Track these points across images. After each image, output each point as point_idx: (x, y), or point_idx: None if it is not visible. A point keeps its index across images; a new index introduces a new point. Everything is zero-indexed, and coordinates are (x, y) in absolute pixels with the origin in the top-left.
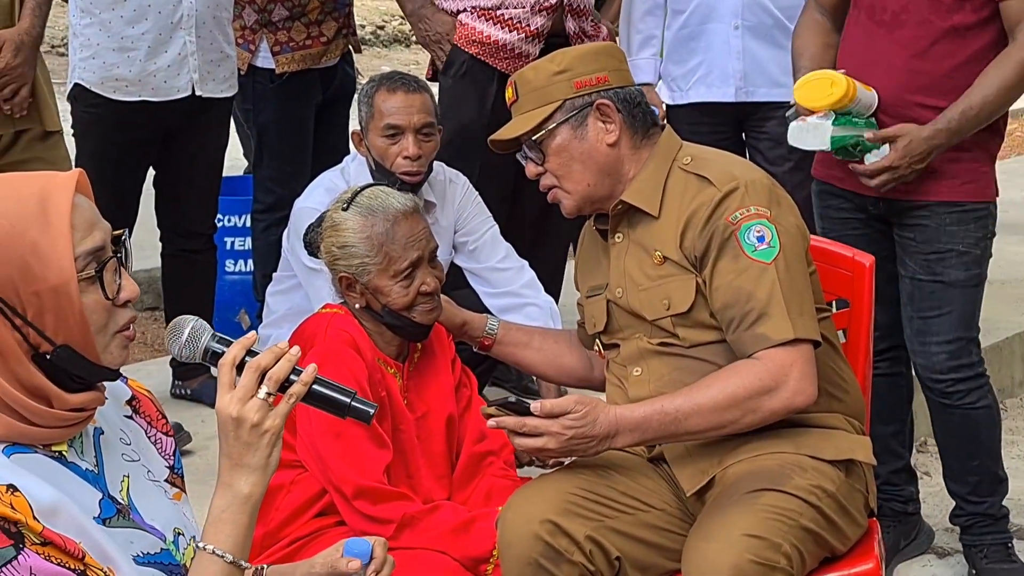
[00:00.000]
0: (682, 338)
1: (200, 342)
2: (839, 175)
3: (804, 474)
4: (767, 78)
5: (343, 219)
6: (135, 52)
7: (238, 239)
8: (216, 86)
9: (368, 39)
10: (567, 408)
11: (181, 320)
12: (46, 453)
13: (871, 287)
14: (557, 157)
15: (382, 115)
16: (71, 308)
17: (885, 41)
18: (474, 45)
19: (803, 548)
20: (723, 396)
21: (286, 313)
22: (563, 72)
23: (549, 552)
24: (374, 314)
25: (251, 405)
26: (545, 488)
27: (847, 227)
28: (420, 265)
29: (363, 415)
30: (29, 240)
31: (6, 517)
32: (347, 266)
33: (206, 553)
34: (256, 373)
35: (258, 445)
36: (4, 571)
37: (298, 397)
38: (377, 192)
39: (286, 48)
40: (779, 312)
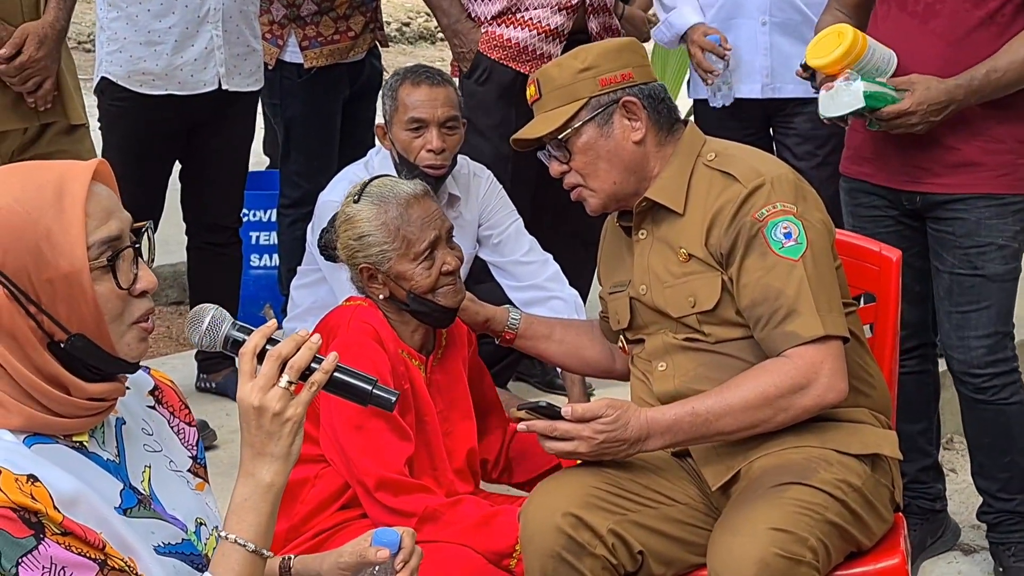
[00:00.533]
0: (708, 334)
1: (220, 330)
2: (871, 171)
3: (830, 468)
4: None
5: (356, 211)
6: (162, 46)
7: (263, 234)
8: (242, 80)
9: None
10: (598, 412)
11: (201, 308)
12: (67, 443)
13: (898, 281)
14: (583, 156)
15: (406, 108)
16: (83, 297)
17: (919, 32)
18: (495, 50)
19: (829, 542)
20: (754, 395)
21: (311, 307)
22: (588, 69)
23: (571, 545)
24: (399, 303)
25: (272, 394)
26: (568, 482)
27: (878, 225)
28: (439, 245)
29: (385, 402)
30: (43, 227)
31: (26, 507)
32: (366, 256)
33: (228, 542)
34: (277, 362)
35: (280, 434)
36: (24, 561)
37: (319, 385)
38: (384, 181)
39: (314, 43)
40: (808, 309)
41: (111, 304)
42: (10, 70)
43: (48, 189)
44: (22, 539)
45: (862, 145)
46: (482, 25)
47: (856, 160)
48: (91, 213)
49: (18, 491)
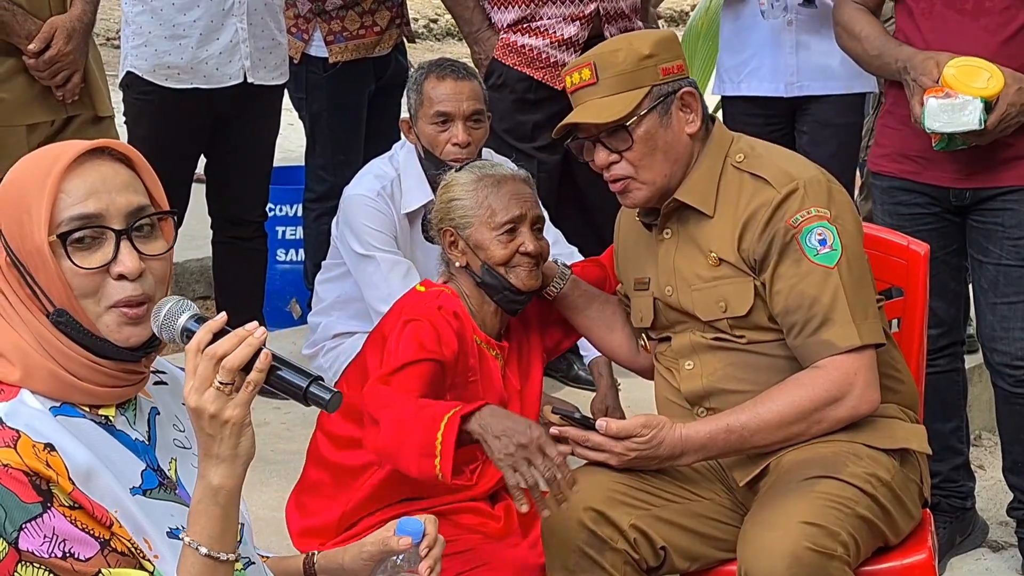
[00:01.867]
0: (739, 336)
1: (177, 323)
2: (914, 168)
3: (859, 462)
4: (821, 71)
5: (454, 177)
6: (187, 39)
7: (289, 228)
8: (267, 73)
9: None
10: (632, 432)
11: (161, 301)
12: (93, 418)
13: (926, 276)
14: (642, 145)
15: (431, 102)
16: (49, 268)
17: (970, 29)
18: (510, 56)
19: (859, 536)
20: (789, 410)
21: (335, 301)
22: (651, 57)
23: (593, 540)
24: (473, 275)
25: (208, 395)
26: (590, 477)
27: (917, 223)
28: (522, 223)
29: (322, 401)
30: (27, 201)
31: (39, 473)
32: (451, 220)
33: (185, 544)
34: (212, 360)
35: (220, 435)
36: (27, 527)
37: (256, 385)
38: (491, 161)
39: (339, 38)
40: (844, 318)
41: (78, 281)
42: (39, 64)
43: (44, 165)
44: (29, 504)
45: (904, 144)
46: (499, 32)
47: (896, 159)
48: (69, 190)
49: (34, 456)
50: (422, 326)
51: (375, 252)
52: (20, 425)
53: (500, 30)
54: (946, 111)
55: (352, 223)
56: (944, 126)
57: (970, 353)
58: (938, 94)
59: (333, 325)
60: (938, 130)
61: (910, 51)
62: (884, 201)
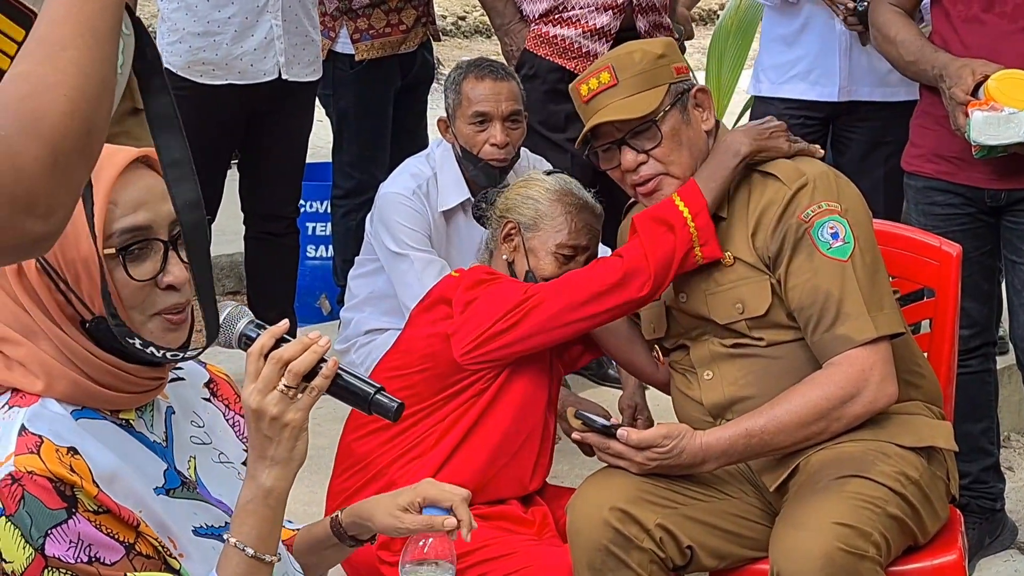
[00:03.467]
0: (759, 338)
1: (235, 328)
2: (949, 169)
3: (888, 460)
4: (872, 77)
5: (541, 177)
6: (221, 36)
7: (319, 224)
8: (301, 70)
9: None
10: (654, 442)
11: (222, 305)
12: (113, 420)
13: (958, 277)
14: (670, 141)
15: (470, 102)
16: (94, 281)
17: (1009, 32)
18: (542, 47)
19: (890, 536)
20: (806, 410)
21: (367, 297)
22: (664, 56)
23: (619, 539)
24: (514, 274)
25: (271, 398)
26: (616, 476)
27: (952, 223)
28: (581, 254)
29: (387, 410)
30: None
31: (63, 479)
32: (520, 214)
33: (229, 545)
34: (278, 365)
35: (279, 438)
36: (53, 533)
37: (320, 391)
38: (578, 183)
39: (365, 36)
40: (858, 310)
41: (129, 292)
42: None
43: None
44: (54, 510)
45: (940, 144)
46: (530, 24)
47: (931, 159)
48: (119, 201)
49: (57, 462)
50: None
51: (409, 251)
52: (43, 431)
53: (531, 21)
54: (992, 124)
55: (387, 221)
56: (990, 139)
57: (1001, 355)
58: (983, 107)
59: (365, 321)
60: (984, 143)
61: (946, 58)
62: (918, 201)
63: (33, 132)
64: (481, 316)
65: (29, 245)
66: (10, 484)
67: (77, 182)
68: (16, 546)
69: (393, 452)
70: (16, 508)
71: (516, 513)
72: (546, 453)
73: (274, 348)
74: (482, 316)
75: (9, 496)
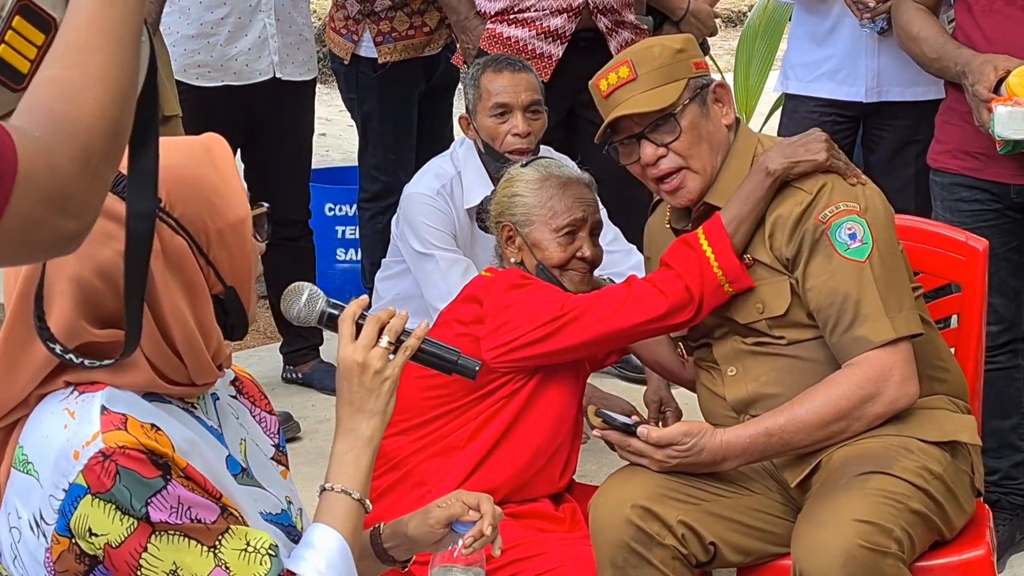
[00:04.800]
0: (780, 337)
1: (316, 306)
2: (975, 165)
3: (910, 456)
4: (901, 77)
5: (519, 172)
6: (215, 37)
7: (348, 228)
8: (295, 69)
9: None
10: (674, 440)
11: (298, 286)
12: (180, 404)
13: (984, 272)
14: (689, 135)
15: (490, 95)
16: (244, 246)
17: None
18: (495, 46)
19: (913, 532)
20: (827, 410)
21: (394, 298)
22: (683, 51)
23: (641, 536)
24: (527, 273)
25: (375, 352)
26: (638, 473)
27: (979, 219)
28: (582, 228)
29: (469, 371)
30: (210, 181)
31: (154, 450)
32: (511, 215)
33: (334, 492)
34: (377, 325)
35: (380, 391)
36: (153, 501)
37: (413, 350)
38: (555, 160)
39: (388, 39)
40: (877, 312)
41: (255, 257)
42: None
43: (197, 150)
44: (151, 479)
45: (965, 140)
46: (486, 22)
47: (956, 155)
48: None
49: (144, 435)
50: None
51: (434, 251)
52: (124, 409)
53: (487, 19)
54: (1016, 119)
55: (412, 221)
56: (1014, 133)
57: None
58: (1006, 102)
59: None
60: (1009, 137)
61: (968, 54)
62: (944, 198)
63: (67, 134)
64: (516, 322)
65: (62, 244)
66: (102, 460)
67: (105, 181)
68: (111, 519)
69: (422, 449)
70: (112, 483)
71: (547, 511)
72: (576, 451)
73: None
74: (516, 323)
75: (103, 473)
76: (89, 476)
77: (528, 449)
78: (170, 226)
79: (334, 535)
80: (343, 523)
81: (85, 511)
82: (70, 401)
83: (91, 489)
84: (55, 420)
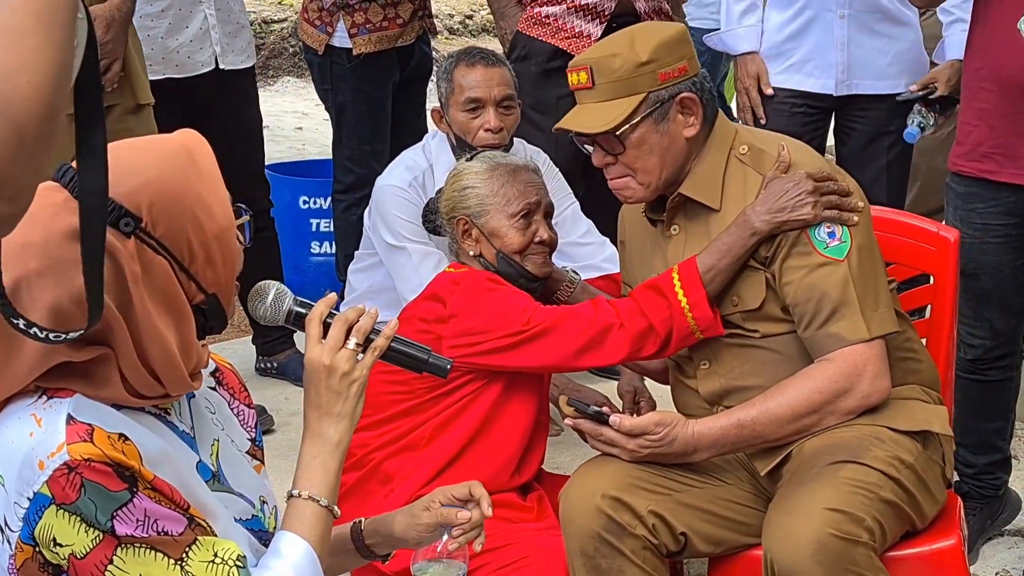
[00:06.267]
0: (753, 330)
1: (283, 304)
2: (993, 167)
3: (882, 445)
4: (871, 70)
5: (466, 166)
6: (155, 29)
7: (323, 221)
8: (235, 57)
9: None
10: (646, 429)
11: (264, 284)
12: (151, 410)
13: (956, 261)
14: (635, 150)
15: (462, 89)
16: (229, 253)
17: None
18: (534, 27)
19: (884, 521)
20: (799, 403)
21: (367, 290)
22: (648, 63)
23: (611, 526)
24: (487, 264)
25: (342, 355)
26: (609, 463)
27: (989, 233)
28: (536, 211)
29: (439, 370)
30: (194, 191)
31: (120, 463)
32: (465, 208)
33: (301, 499)
34: (344, 326)
35: (347, 394)
36: (119, 514)
37: (382, 350)
38: (498, 152)
39: (363, 30)
40: (853, 311)
41: (239, 261)
42: None
43: (182, 157)
44: (117, 492)
45: (984, 140)
46: (525, 7)
47: (974, 156)
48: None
49: (111, 447)
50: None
51: (407, 243)
52: (91, 419)
53: (526, 4)
54: None
55: (384, 214)
56: None
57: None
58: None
59: None
60: None
61: None
62: (958, 206)
63: (0, 116)
64: (481, 327)
65: None
66: (67, 473)
67: (40, 165)
68: (76, 531)
69: (386, 446)
70: (77, 496)
71: (514, 500)
72: (542, 443)
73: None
74: (481, 328)
75: (68, 485)
76: (54, 487)
77: (496, 450)
78: (151, 247)
79: (301, 543)
80: (310, 530)
81: (50, 521)
82: (38, 407)
83: (56, 500)
84: (21, 427)
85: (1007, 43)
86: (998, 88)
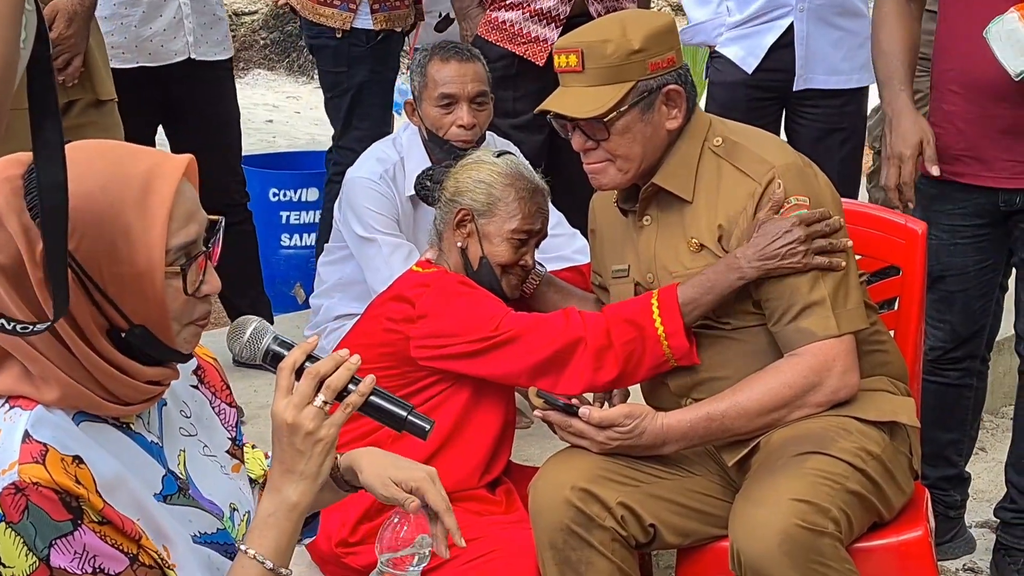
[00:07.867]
0: (725, 322)
1: (261, 343)
2: (963, 169)
3: (849, 436)
4: (825, 65)
5: (491, 161)
6: (129, 18)
7: (293, 213)
8: (210, 48)
9: None
10: (615, 421)
11: (244, 320)
12: (114, 423)
13: (924, 254)
14: (619, 138)
15: (436, 84)
16: (152, 295)
17: None
18: (492, 32)
19: (850, 512)
20: (768, 398)
21: (336, 283)
22: (640, 52)
23: (580, 518)
24: (467, 261)
25: (307, 412)
26: (577, 456)
27: (957, 235)
28: (534, 239)
29: (419, 430)
30: (124, 222)
31: (69, 491)
32: (473, 199)
33: (247, 556)
34: (315, 380)
35: (311, 453)
36: (57, 544)
37: (354, 407)
38: (524, 162)
39: (384, 7)
40: (824, 306)
41: (176, 305)
42: None
43: (136, 183)
44: (60, 521)
45: (953, 143)
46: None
47: (945, 159)
48: (175, 216)
49: (63, 472)
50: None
51: (377, 235)
52: (47, 438)
53: (486, 6)
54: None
55: (354, 205)
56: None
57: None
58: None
59: (335, 307)
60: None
61: (902, 104)
62: (926, 207)
63: None
64: (450, 330)
65: None
66: (14, 494)
67: None
68: (17, 552)
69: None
70: (20, 518)
71: (483, 494)
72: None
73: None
74: (451, 330)
75: (12, 506)
76: (4, 504)
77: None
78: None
79: None
80: None
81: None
82: None
83: (5, 517)
84: None
85: (972, 46)
86: (964, 91)
